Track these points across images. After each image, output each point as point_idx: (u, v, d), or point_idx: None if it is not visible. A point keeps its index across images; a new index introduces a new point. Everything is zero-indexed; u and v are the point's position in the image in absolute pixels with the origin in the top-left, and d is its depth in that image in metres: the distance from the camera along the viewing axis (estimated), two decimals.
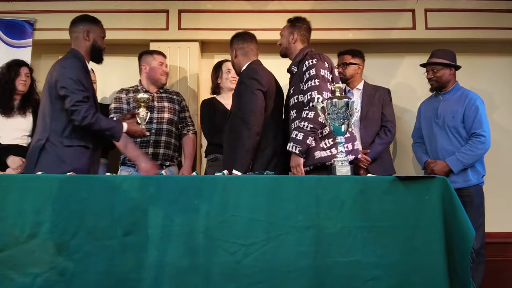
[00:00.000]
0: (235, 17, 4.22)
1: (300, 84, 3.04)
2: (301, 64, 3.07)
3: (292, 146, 2.83)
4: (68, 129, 2.82)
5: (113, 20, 4.10)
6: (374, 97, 3.69)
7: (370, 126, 3.61)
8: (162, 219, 1.97)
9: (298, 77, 3.07)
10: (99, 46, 3.05)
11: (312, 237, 1.98)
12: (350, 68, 3.73)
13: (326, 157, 2.85)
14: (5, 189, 1.92)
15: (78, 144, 2.82)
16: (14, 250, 1.87)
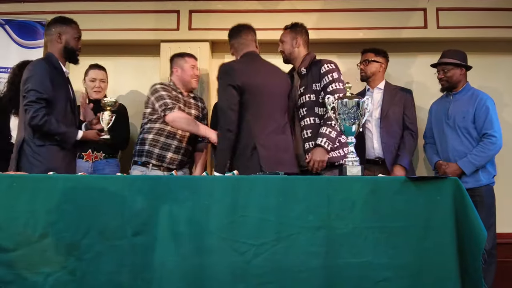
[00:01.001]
0: (246, 17, 4.20)
1: (313, 84, 3.11)
2: (316, 67, 3.13)
3: (325, 142, 2.95)
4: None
5: (125, 20, 4.13)
6: (396, 97, 3.66)
7: (390, 126, 3.59)
8: (172, 219, 1.97)
9: (312, 77, 3.12)
10: (71, 47, 3.05)
11: (323, 237, 1.97)
12: (372, 66, 3.71)
13: (336, 157, 3.01)
14: (17, 189, 1.94)
15: (50, 143, 2.86)
16: (26, 249, 1.89)
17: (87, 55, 4.17)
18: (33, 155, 2.83)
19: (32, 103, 2.81)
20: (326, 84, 3.06)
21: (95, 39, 4.12)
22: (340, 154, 3.06)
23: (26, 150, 2.85)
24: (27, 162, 2.82)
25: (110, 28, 4.17)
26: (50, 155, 2.85)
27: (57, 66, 2.98)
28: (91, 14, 4.22)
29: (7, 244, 1.89)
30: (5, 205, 1.92)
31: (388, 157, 3.54)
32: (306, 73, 3.16)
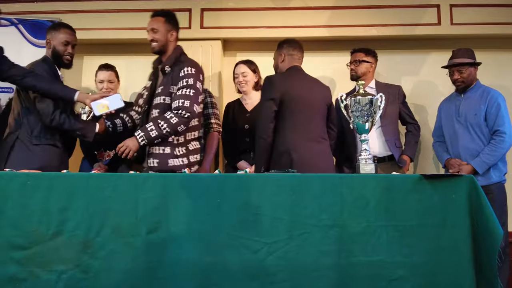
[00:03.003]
0: (257, 15, 4.21)
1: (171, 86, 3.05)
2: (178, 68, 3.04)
3: (141, 136, 2.87)
4: (37, 129, 2.93)
5: (137, 19, 4.13)
6: (389, 95, 3.63)
7: (389, 123, 3.57)
8: (185, 217, 1.97)
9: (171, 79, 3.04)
10: (57, 51, 3.08)
11: (336, 236, 1.96)
12: (363, 66, 3.66)
13: (178, 166, 2.90)
14: (31, 187, 1.95)
15: (46, 142, 2.92)
16: (40, 247, 1.90)
17: (99, 54, 4.21)
18: (28, 153, 2.88)
19: (45, 105, 2.88)
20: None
21: (107, 38, 4.15)
22: (183, 163, 2.94)
23: (18, 147, 2.90)
24: (18, 159, 2.85)
25: (122, 27, 4.18)
26: (44, 154, 2.90)
27: (53, 69, 3.06)
28: (102, 13, 4.23)
29: (20, 242, 1.90)
30: (19, 203, 1.93)
31: (395, 152, 3.51)
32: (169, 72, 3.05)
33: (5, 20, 4.32)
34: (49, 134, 2.92)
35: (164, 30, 3.06)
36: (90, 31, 3.49)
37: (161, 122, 2.83)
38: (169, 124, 2.83)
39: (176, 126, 2.85)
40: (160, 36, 3.05)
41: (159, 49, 3.07)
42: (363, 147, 2.35)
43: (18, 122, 2.96)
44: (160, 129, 2.82)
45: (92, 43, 3.39)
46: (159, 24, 3.07)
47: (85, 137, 2.97)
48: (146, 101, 3.08)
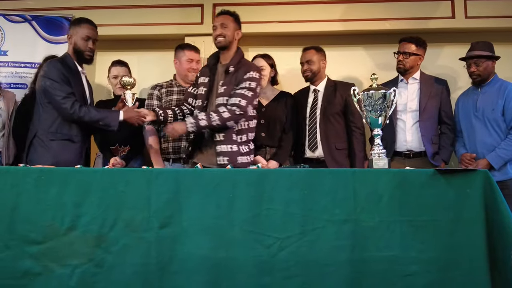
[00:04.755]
0: (270, 9, 4.19)
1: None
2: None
3: (192, 123, 2.96)
4: (54, 125, 2.94)
5: (149, 15, 4.15)
6: (432, 89, 3.56)
7: (428, 118, 3.50)
8: (198, 212, 1.97)
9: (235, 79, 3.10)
10: (78, 47, 3.09)
11: (349, 231, 1.94)
12: (411, 59, 3.57)
13: (245, 163, 3.00)
14: (45, 182, 1.96)
15: (62, 138, 2.94)
16: (54, 242, 1.91)
17: (112, 50, 4.23)
18: (43, 149, 2.91)
19: (65, 100, 2.89)
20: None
21: (120, 34, 4.16)
22: (248, 161, 3.07)
23: (36, 144, 2.94)
24: (36, 156, 2.90)
25: (134, 23, 4.20)
26: (61, 149, 2.92)
27: (71, 66, 3.05)
28: (115, 9, 4.25)
29: (35, 237, 1.92)
30: (34, 198, 1.95)
31: (429, 149, 3.46)
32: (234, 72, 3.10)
33: (18, 17, 4.36)
34: (66, 129, 2.94)
35: (232, 28, 3.11)
36: (102, 27, 3.49)
37: (213, 114, 2.94)
38: (220, 117, 2.92)
39: (226, 121, 2.94)
40: (229, 32, 3.10)
41: (225, 45, 3.10)
42: (376, 142, 2.33)
43: (36, 119, 2.99)
44: (210, 120, 2.92)
45: (105, 39, 3.41)
46: (229, 21, 3.12)
47: (109, 127, 2.96)
48: (204, 96, 3.12)
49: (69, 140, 2.94)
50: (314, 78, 3.60)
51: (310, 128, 3.53)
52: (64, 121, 2.94)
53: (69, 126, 2.95)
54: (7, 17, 4.34)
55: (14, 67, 4.06)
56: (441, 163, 3.48)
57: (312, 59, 3.55)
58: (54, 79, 2.93)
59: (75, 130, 2.97)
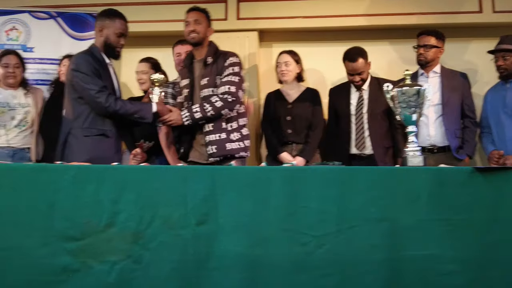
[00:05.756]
0: (294, 4, 4.18)
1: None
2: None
3: (186, 116, 3.03)
4: (87, 121, 2.91)
5: (174, 11, 4.16)
6: (454, 82, 3.54)
7: (451, 112, 3.49)
8: (233, 209, 1.96)
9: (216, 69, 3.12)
10: (110, 42, 3.03)
11: (386, 229, 1.92)
12: (432, 51, 3.56)
13: (235, 149, 3.03)
14: (82, 179, 1.97)
15: (96, 133, 2.91)
16: (93, 238, 1.92)
17: (136, 47, 4.24)
18: (78, 145, 2.88)
19: (99, 94, 2.85)
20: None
21: (144, 31, 4.19)
22: (240, 146, 3.06)
23: (71, 141, 2.91)
24: (71, 153, 2.88)
25: (158, 19, 4.22)
26: (95, 144, 2.89)
27: (99, 58, 3.01)
28: (139, 5, 4.28)
29: (73, 233, 1.92)
30: (71, 195, 1.95)
31: (453, 143, 3.43)
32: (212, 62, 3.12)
33: (44, 13, 4.40)
34: (99, 124, 2.90)
35: (205, 24, 3.15)
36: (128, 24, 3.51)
37: (206, 105, 2.97)
38: (214, 107, 2.95)
39: (220, 110, 2.96)
40: (202, 28, 3.13)
41: (198, 41, 3.13)
42: (410, 139, 2.30)
43: (68, 115, 2.97)
44: (205, 111, 2.96)
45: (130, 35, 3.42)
46: (202, 18, 3.16)
47: (143, 119, 2.95)
48: (188, 97, 3.12)
49: (103, 135, 2.91)
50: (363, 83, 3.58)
51: (358, 127, 3.51)
52: (97, 116, 2.90)
53: (103, 121, 2.91)
54: (33, 14, 4.39)
55: (40, 63, 4.12)
56: (465, 157, 3.45)
57: (361, 69, 3.50)
58: (86, 73, 2.87)
59: (109, 124, 2.94)
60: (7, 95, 3.58)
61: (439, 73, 3.58)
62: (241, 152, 3.05)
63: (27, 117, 3.60)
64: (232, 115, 3.05)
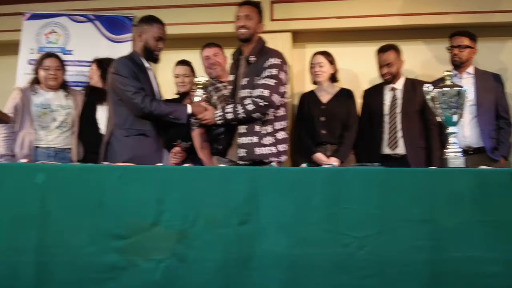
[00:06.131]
0: (328, 5, 4.19)
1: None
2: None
3: (220, 115, 3.03)
4: (128, 122, 2.99)
5: (209, 13, 4.22)
6: (487, 83, 3.52)
7: (485, 113, 3.46)
8: (275, 210, 1.99)
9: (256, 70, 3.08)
10: (149, 47, 3.11)
11: (428, 231, 1.92)
12: (466, 51, 3.55)
13: (266, 154, 2.96)
14: (128, 179, 2.02)
15: (136, 133, 2.98)
16: (139, 237, 1.97)
17: (172, 49, 4.30)
18: (119, 146, 2.98)
19: (135, 95, 2.94)
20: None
21: (179, 33, 4.24)
22: (271, 151, 2.98)
23: (113, 142, 3.01)
24: (113, 153, 2.98)
25: (194, 21, 4.28)
26: (135, 144, 2.97)
27: (139, 63, 3.10)
28: (175, 8, 4.35)
29: (120, 232, 1.98)
30: (118, 195, 2.01)
31: (488, 144, 3.40)
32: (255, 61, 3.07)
33: (82, 17, 4.52)
34: (139, 125, 2.98)
35: (256, 19, 3.11)
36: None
37: (238, 106, 2.96)
38: (245, 110, 2.94)
39: (251, 113, 2.93)
40: (253, 24, 3.09)
41: (248, 37, 3.10)
42: (451, 140, 2.29)
43: (110, 117, 3.08)
44: (236, 113, 2.95)
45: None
46: (254, 13, 3.11)
47: (178, 120, 3.00)
48: (231, 94, 3.13)
49: (143, 135, 2.99)
50: (393, 79, 3.58)
51: (391, 126, 3.51)
52: (136, 117, 2.98)
53: (142, 122, 2.98)
54: (71, 17, 4.51)
55: (79, 66, 4.22)
56: (501, 158, 3.41)
57: (391, 61, 3.52)
58: (124, 75, 2.97)
59: (148, 125, 3.01)
60: (49, 97, 3.68)
61: (473, 74, 3.56)
62: (272, 157, 2.96)
63: (68, 118, 3.69)
64: (267, 118, 3.00)
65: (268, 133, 3.00)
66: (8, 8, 4.70)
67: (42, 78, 3.66)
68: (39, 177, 2.03)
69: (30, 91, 3.65)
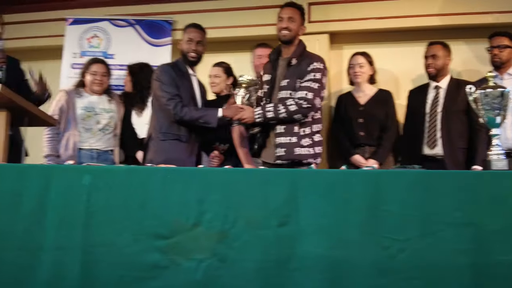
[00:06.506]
0: (366, 6, 4.16)
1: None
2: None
3: (259, 114, 3.07)
4: (164, 126, 3.13)
5: (247, 17, 4.26)
6: None
7: None
8: (314, 211, 2.00)
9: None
10: (183, 50, 3.27)
11: (471, 234, 1.89)
12: (506, 51, 3.48)
13: (304, 155, 2.98)
14: (171, 181, 2.07)
15: (172, 138, 3.10)
16: (181, 237, 2.01)
17: (211, 52, 4.36)
18: (156, 149, 3.11)
19: (169, 101, 3.07)
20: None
21: (218, 37, 4.29)
22: (309, 153, 2.99)
23: (151, 146, 3.16)
24: (151, 155, 3.13)
25: (232, 25, 4.32)
26: (170, 148, 3.10)
27: (182, 69, 3.23)
28: (213, 12, 4.40)
29: (163, 232, 2.02)
30: (161, 195, 2.05)
31: None
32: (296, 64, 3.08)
33: (123, 21, 4.63)
34: (175, 129, 3.12)
35: (299, 22, 3.13)
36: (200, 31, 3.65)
37: (280, 106, 2.98)
38: (287, 110, 2.96)
39: (293, 114, 2.96)
40: (295, 26, 3.11)
41: (289, 39, 3.12)
42: (494, 142, 2.25)
43: (152, 121, 3.19)
44: (277, 113, 2.97)
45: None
46: (296, 15, 3.13)
47: (208, 124, 3.09)
48: (267, 94, 3.15)
49: (178, 140, 3.10)
50: (437, 74, 3.55)
51: (430, 125, 3.48)
52: (172, 122, 3.10)
53: (178, 127, 3.11)
54: (113, 22, 4.63)
55: (120, 69, 4.31)
56: None
57: (438, 53, 3.52)
58: (162, 81, 3.11)
59: (183, 130, 3.13)
60: (93, 100, 3.79)
61: None
62: (310, 158, 3.00)
63: (111, 122, 3.80)
64: (306, 120, 3.03)
65: (306, 134, 3.03)
66: (52, 14, 4.87)
67: (88, 82, 3.77)
68: (86, 179, 2.11)
69: (75, 93, 3.76)
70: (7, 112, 2.52)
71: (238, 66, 4.35)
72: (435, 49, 3.58)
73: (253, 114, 3.02)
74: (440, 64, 3.55)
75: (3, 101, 2.45)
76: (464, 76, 3.98)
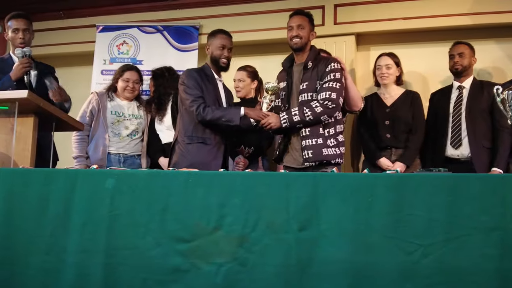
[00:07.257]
0: (393, 6, 4.11)
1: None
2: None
3: (285, 118, 3.10)
4: (190, 129, 3.17)
5: (271, 20, 4.26)
6: None
7: None
8: (336, 215, 1.97)
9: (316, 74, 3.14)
10: (214, 56, 3.29)
11: (498, 239, 1.83)
12: None
13: (331, 155, 3.00)
14: (193, 184, 2.08)
15: (197, 141, 3.14)
16: (202, 240, 2.02)
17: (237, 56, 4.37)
18: (182, 152, 3.14)
19: (192, 103, 3.12)
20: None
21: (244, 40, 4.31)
22: (336, 153, 3.00)
23: (177, 149, 3.20)
24: (176, 158, 3.16)
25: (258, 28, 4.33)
26: (195, 151, 3.14)
27: (208, 74, 3.27)
28: (239, 16, 4.43)
29: (184, 235, 2.04)
30: (182, 199, 2.07)
31: None
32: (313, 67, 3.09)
33: (151, 28, 4.70)
34: (200, 132, 3.16)
35: (308, 29, 3.17)
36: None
37: (306, 109, 2.99)
38: (313, 112, 2.97)
39: (320, 116, 2.97)
40: (305, 33, 3.15)
41: (301, 46, 3.16)
42: None
43: (178, 125, 3.25)
44: (304, 115, 2.98)
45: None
46: (305, 22, 3.17)
47: (230, 122, 3.10)
48: (285, 100, 3.17)
49: (203, 143, 3.13)
50: (462, 73, 3.49)
51: (454, 125, 3.41)
52: (198, 125, 3.15)
53: (203, 130, 3.14)
54: (141, 28, 4.71)
55: (148, 75, 4.35)
56: None
57: (464, 52, 3.46)
58: (187, 85, 3.16)
59: (208, 133, 3.17)
60: (123, 106, 3.85)
61: None
62: (337, 158, 3.03)
63: (139, 128, 3.86)
64: (329, 121, 3.04)
65: (330, 135, 3.04)
66: (83, 21, 4.98)
67: (120, 88, 3.84)
68: (109, 182, 2.14)
69: (106, 97, 3.83)
70: (35, 117, 2.59)
71: (264, 69, 4.38)
72: (462, 48, 3.54)
73: (279, 119, 3.03)
74: (466, 62, 3.50)
75: (30, 106, 2.52)
76: (494, 75, 3.89)
